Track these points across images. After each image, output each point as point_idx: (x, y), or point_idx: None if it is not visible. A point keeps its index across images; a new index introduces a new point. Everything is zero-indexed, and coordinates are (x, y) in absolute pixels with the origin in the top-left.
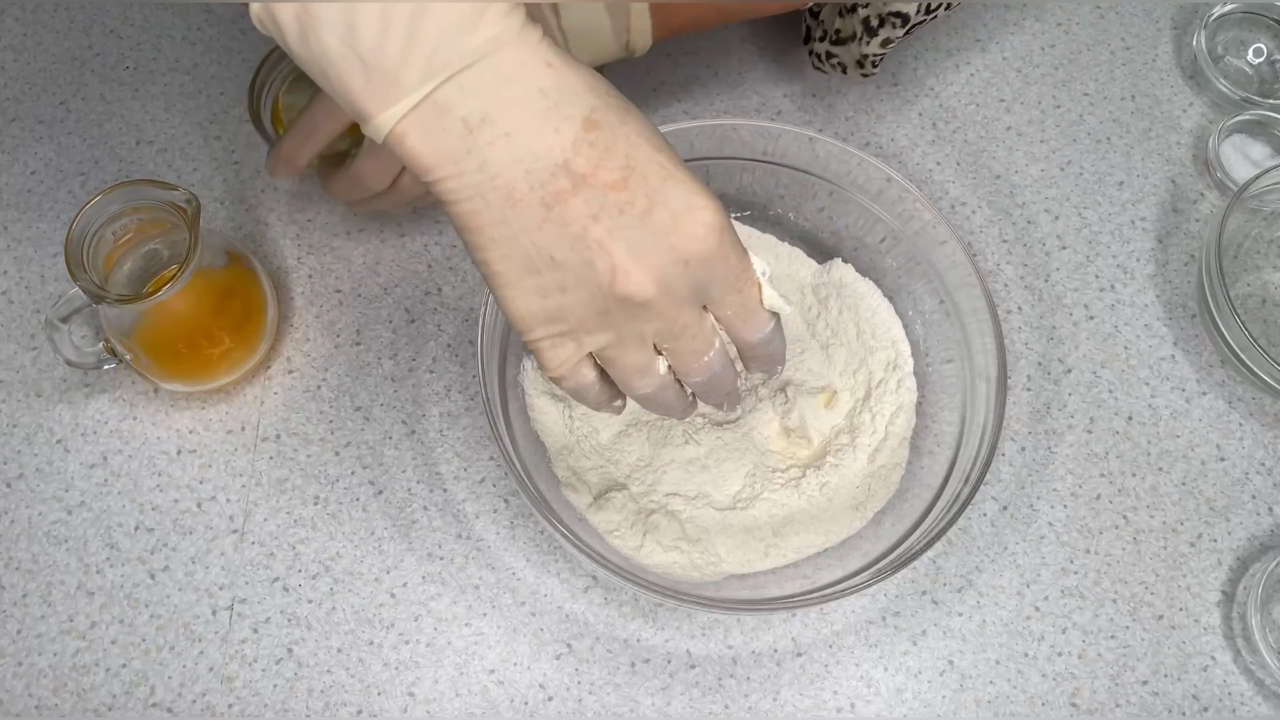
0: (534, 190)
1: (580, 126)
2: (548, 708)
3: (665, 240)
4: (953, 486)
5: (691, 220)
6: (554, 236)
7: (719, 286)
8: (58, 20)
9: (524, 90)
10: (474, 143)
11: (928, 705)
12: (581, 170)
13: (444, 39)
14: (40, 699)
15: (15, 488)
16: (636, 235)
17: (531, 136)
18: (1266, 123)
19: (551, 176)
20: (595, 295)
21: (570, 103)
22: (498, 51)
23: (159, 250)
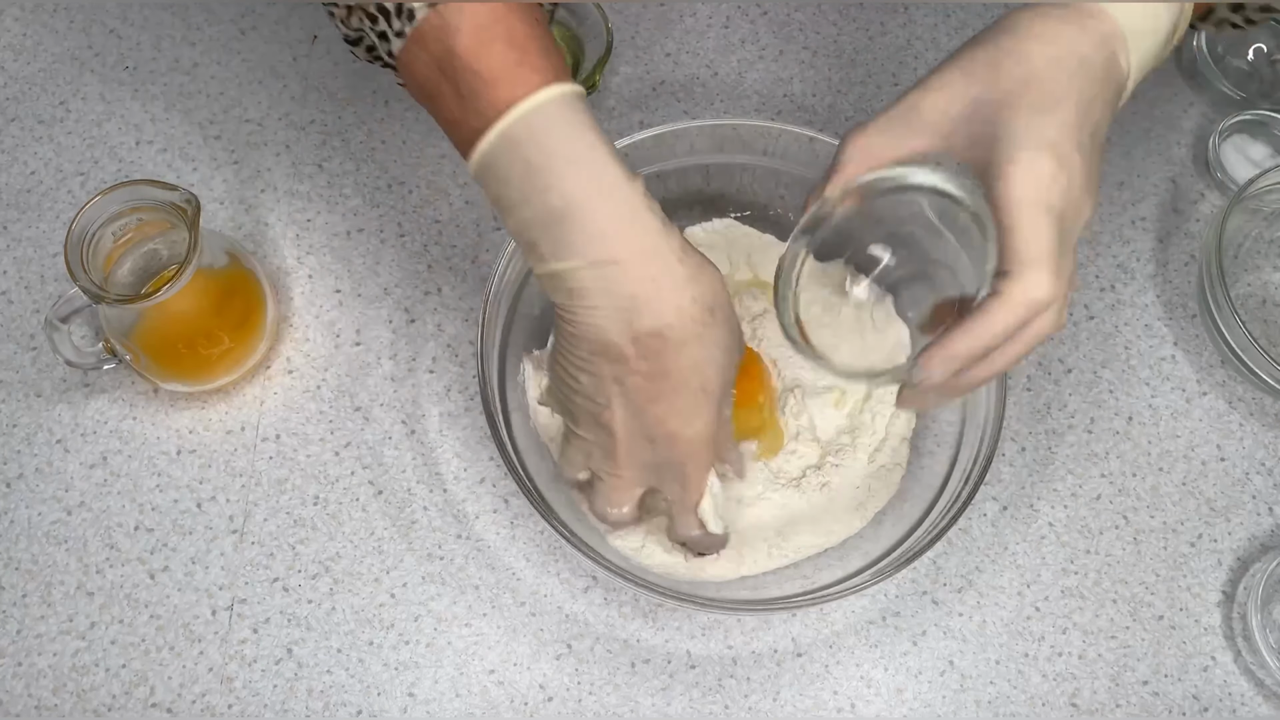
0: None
1: (645, 333)
2: (548, 708)
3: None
4: (953, 486)
5: (674, 423)
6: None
7: (669, 484)
8: (58, 20)
9: (619, 291)
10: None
11: (928, 705)
12: (626, 355)
13: (575, 242)
14: (40, 699)
15: (15, 488)
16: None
17: (607, 319)
18: (1266, 123)
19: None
20: (588, 413)
21: (650, 313)
22: (611, 264)
23: (159, 250)
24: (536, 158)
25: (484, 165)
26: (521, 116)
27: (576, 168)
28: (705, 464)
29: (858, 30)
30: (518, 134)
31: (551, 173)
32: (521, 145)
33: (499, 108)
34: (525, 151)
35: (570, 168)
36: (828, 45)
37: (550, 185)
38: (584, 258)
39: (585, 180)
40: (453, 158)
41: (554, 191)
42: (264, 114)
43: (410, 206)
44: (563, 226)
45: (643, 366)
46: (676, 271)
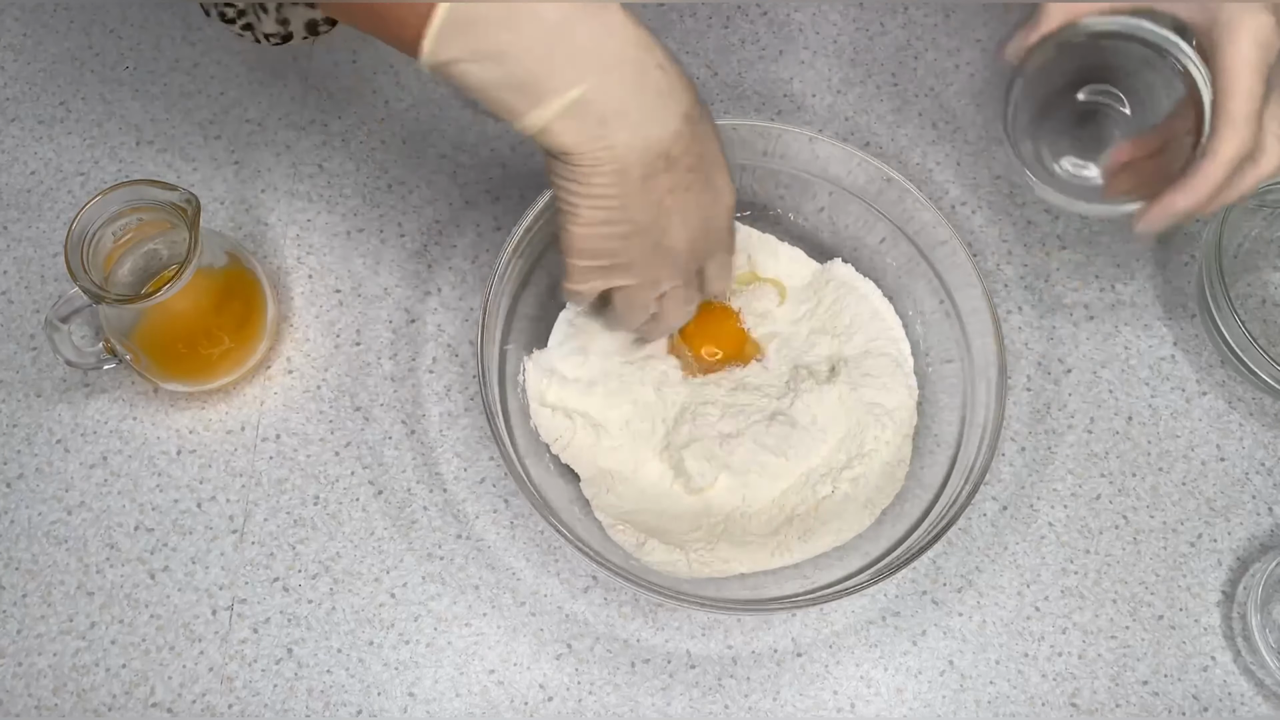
0: (640, 166)
1: (681, 121)
2: (548, 708)
3: (704, 212)
4: (953, 486)
5: (722, 201)
6: (641, 200)
7: (717, 253)
8: (58, 20)
9: (645, 92)
10: (605, 130)
11: (928, 705)
12: (675, 155)
13: (589, 53)
14: (40, 699)
15: (15, 488)
16: (690, 206)
17: (649, 127)
18: None
19: (655, 158)
20: (647, 244)
21: (675, 101)
22: (629, 64)
23: (159, 250)
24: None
25: (457, 16)
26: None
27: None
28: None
29: (858, 30)
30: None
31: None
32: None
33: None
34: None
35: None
36: (828, 45)
37: (537, 9)
38: (606, 66)
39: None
40: (453, 158)
41: (544, 12)
42: (264, 114)
43: (410, 206)
44: (572, 40)
45: (688, 159)
46: (666, 51)
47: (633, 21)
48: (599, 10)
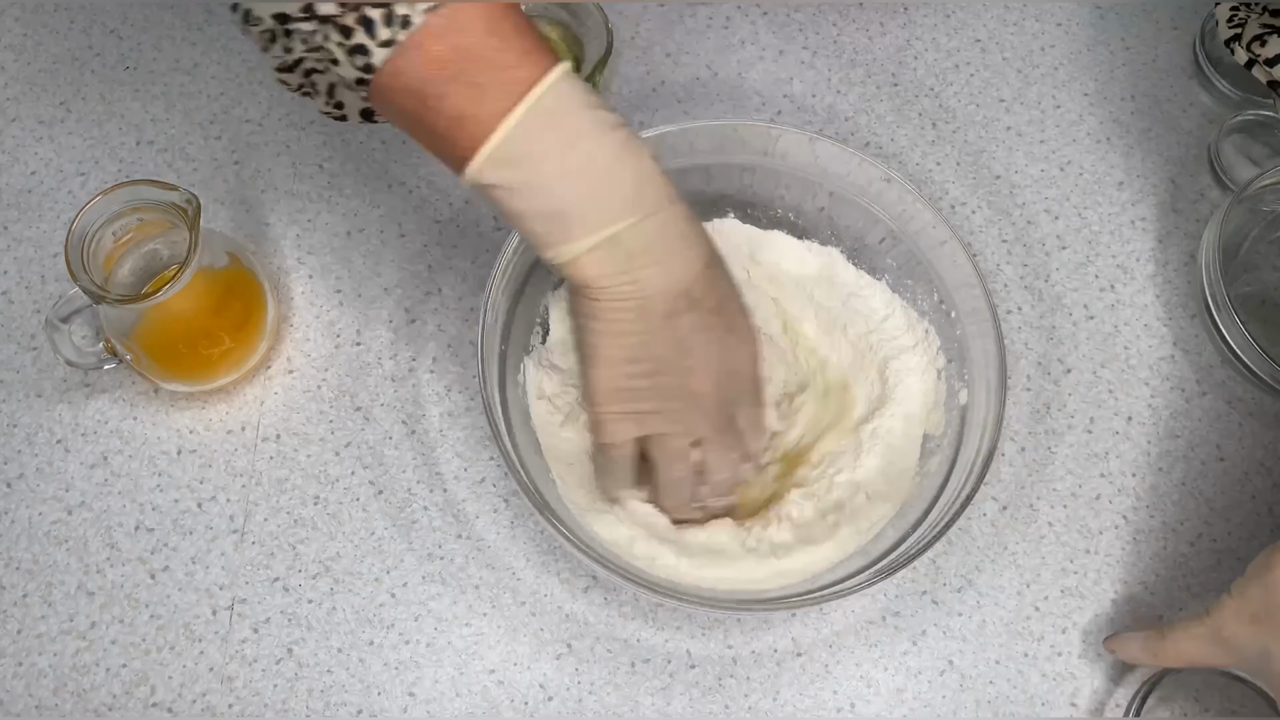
0: (664, 302)
1: (703, 264)
2: (548, 708)
3: (727, 355)
4: (953, 486)
5: (745, 350)
6: (664, 338)
7: (746, 398)
8: (58, 20)
9: (672, 236)
10: (632, 266)
11: (928, 705)
12: (697, 296)
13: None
14: (40, 699)
15: (15, 488)
16: (714, 348)
17: (675, 267)
18: (1266, 123)
19: (677, 297)
20: (672, 385)
21: (698, 246)
22: (660, 209)
23: (159, 250)
24: (573, 123)
25: (507, 150)
26: (551, 87)
27: (608, 130)
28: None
29: (858, 30)
30: (549, 105)
31: (588, 136)
32: (554, 115)
33: (524, 85)
34: (560, 119)
35: (603, 131)
36: (828, 45)
37: (591, 148)
38: (640, 210)
39: (617, 140)
40: None
41: (595, 152)
42: (264, 114)
43: (410, 206)
44: (615, 185)
45: (709, 301)
46: (688, 207)
47: (663, 172)
48: (638, 160)
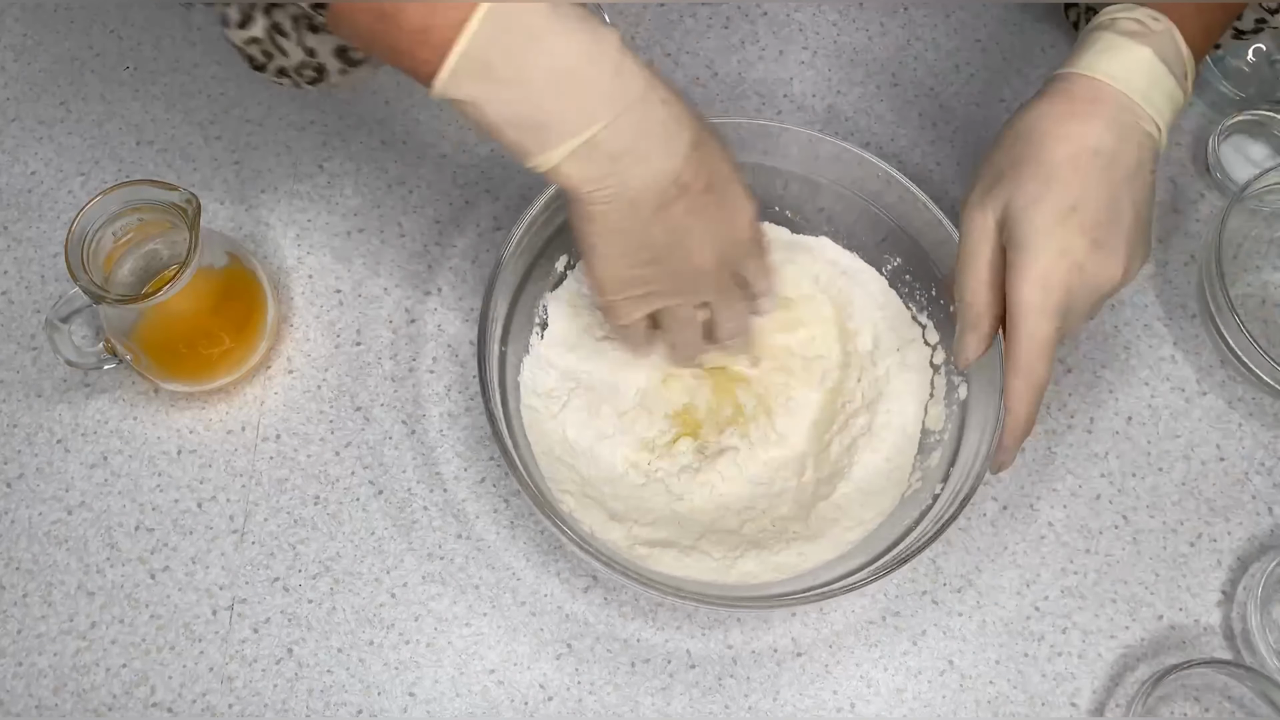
0: (653, 197)
1: (689, 147)
2: (548, 708)
3: (725, 228)
4: (953, 483)
5: (742, 215)
6: (658, 227)
7: (750, 260)
8: (58, 21)
9: (652, 127)
10: (615, 167)
11: (928, 705)
12: (686, 181)
13: (597, 97)
14: (40, 699)
15: (15, 488)
16: (710, 225)
17: (658, 160)
18: (1266, 123)
19: (667, 187)
20: (676, 267)
21: (681, 131)
22: (635, 103)
23: (159, 250)
24: (536, 23)
25: (471, 61)
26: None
27: (571, 24)
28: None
29: (858, 30)
30: (506, 8)
31: (551, 36)
32: (514, 15)
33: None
34: (521, 20)
35: (566, 26)
36: (828, 45)
37: (556, 48)
38: (614, 107)
39: (584, 38)
40: (453, 157)
41: (560, 52)
42: (264, 114)
43: (410, 206)
44: (581, 85)
45: (699, 183)
46: (669, 86)
47: (635, 60)
48: (605, 52)
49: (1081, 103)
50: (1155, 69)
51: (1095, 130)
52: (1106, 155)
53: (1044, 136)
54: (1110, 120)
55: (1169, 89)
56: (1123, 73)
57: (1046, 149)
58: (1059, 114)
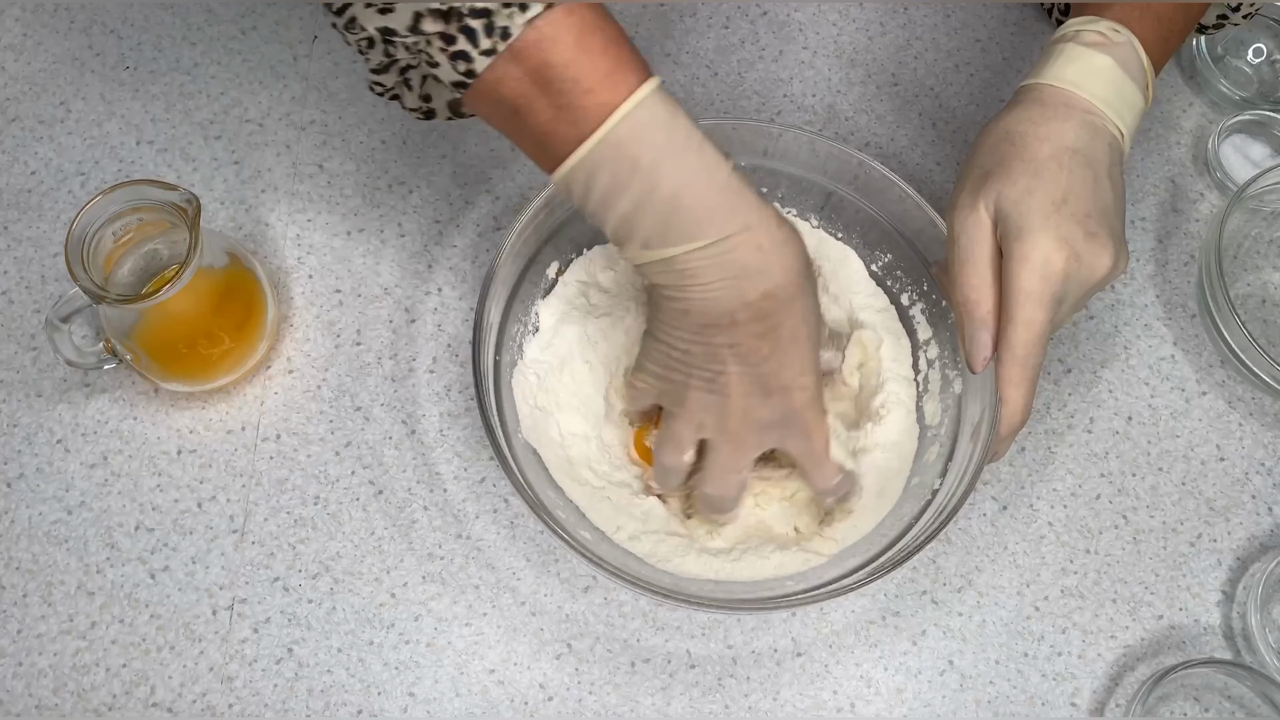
0: (701, 317)
1: (759, 296)
2: (548, 708)
3: (766, 380)
4: (950, 481)
5: (789, 376)
6: (696, 341)
7: (793, 439)
8: (58, 20)
9: (729, 264)
10: (685, 283)
11: (928, 705)
12: (740, 320)
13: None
14: (40, 699)
15: (15, 488)
16: (750, 368)
17: (720, 293)
18: (1266, 123)
19: (718, 316)
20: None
21: (760, 279)
22: (722, 240)
23: (159, 250)
24: (644, 155)
25: (582, 169)
26: (624, 118)
27: (680, 157)
28: (823, 410)
29: (858, 30)
30: (621, 136)
31: (659, 168)
32: (626, 145)
33: (601, 113)
34: (631, 150)
35: (675, 158)
36: (828, 45)
37: (659, 179)
38: (697, 239)
39: (691, 168)
40: (453, 158)
41: (664, 183)
42: (264, 114)
43: (410, 206)
44: (675, 214)
45: (755, 328)
46: (777, 236)
47: (745, 196)
48: (709, 182)
49: (1054, 107)
50: (1118, 77)
51: (1071, 130)
52: (1084, 154)
53: (1025, 137)
54: (1082, 123)
55: (1130, 96)
56: (1087, 81)
57: (1030, 148)
58: (1035, 117)
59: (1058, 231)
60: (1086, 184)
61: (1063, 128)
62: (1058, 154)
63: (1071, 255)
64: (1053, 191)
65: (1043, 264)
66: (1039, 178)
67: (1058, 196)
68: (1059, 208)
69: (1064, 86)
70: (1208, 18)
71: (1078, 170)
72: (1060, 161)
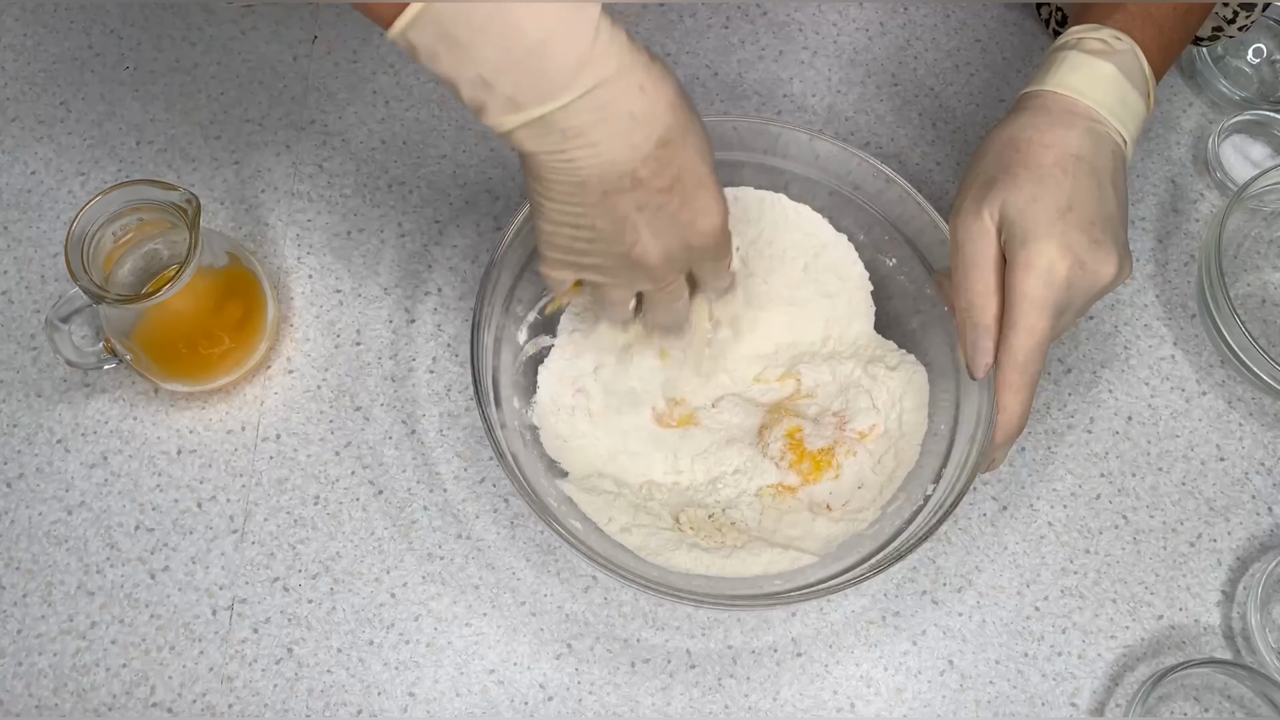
0: (600, 184)
1: (654, 145)
2: (548, 708)
3: (682, 231)
4: (947, 480)
5: (705, 220)
6: (601, 214)
7: (706, 263)
8: (58, 20)
9: (615, 114)
10: (567, 145)
11: (928, 705)
12: (641, 177)
13: (558, 75)
14: (40, 699)
15: (15, 488)
16: (663, 224)
17: (612, 150)
18: (1266, 123)
19: (618, 179)
20: (612, 254)
21: (649, 126)
22: (600, 86)
23: (159, 250)
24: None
25: (429, 16)
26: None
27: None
28: (729, 234)
29: (858, 30)
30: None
31: (519, 7)
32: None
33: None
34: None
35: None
36: (828, 45)
37: (521, 20)
38: (574, 89)
39: (556, 6)
40: (453, 158)
41: (527, 24)
42: (264, 114)
43: (410, 206)
44: (544, 60)
45: (659, 181)
46: (654, 73)
47: (617, 37)
48: (583, 25)
49: (1058, 114)
50: (1120, 85)
51: (1075, 137)
52: (1088, 161)
53: (1029, 144)
54: (1086, 129)
55: (1133, 103)
56: (1090, 88)
57: (1034, 155)
58: (1039, 124)
59: (1062, 239)
60: (1091, 191)
61: (1067, 135)
62: (1062, 161)
63: (1075, 262)
64: (1057, 198)
65: (1047, 271)
66: (1043, 184)
67: (1062, 204)
68: (1063, 215)
69: (1067, 94)
70: (1203, 30)
71: (1082, 177)
72: (1065, 168)
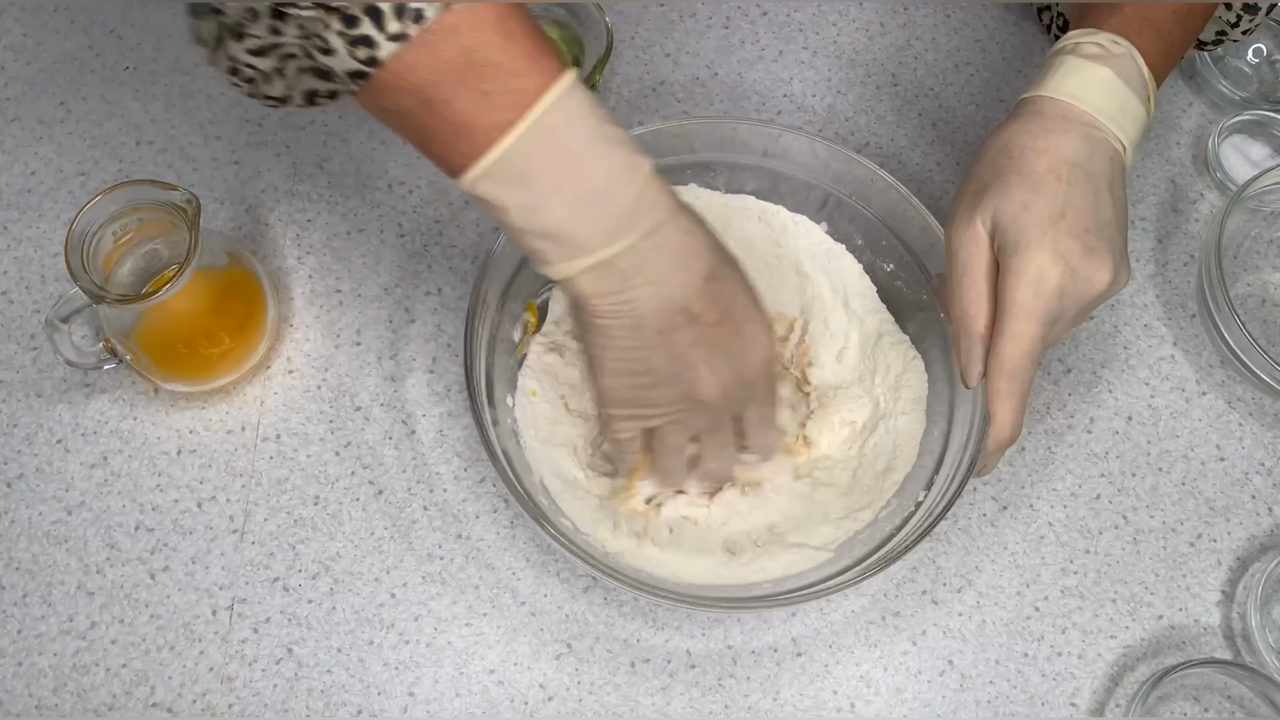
0: (657, 321)
1: (703, 279)
2: (548, 708)
3: (735, 362)
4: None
5: (756, 350)
6: (660, 353)
7: (755, 398)
8: (58, 20)
9: (668, 255)
10: (627, 285)
11: (928, 705)
12: (695, 311)
13: (622, 218)
14: (40, 699)
15: (15, 488)
16: (718, 358)
17: (669, 286)
18: (1266, 123)
19: (673, 314)
20: (675, 393)
21: (698, 261)
22: (658, 229)
23: (159, 250)
24: (575, 142)
25: (507, 163)
26: (555, 103)
27: (607, 147)
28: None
29: (858, 30)
30: (553, 122)
31: (588, 157)
32: (557, 131)
33: (528, 98)
34: (562, 137)
35: (603, 147)
36: (828, 45)
37: (589, 169)
38: (636, 230)
39: (619, 158)
40: None
41: (595, 175)
42: (264, 114)
43: (410, 206)
44: (609, 205)
45: (711, 315)
46: (694, 219)
47: (663, 188)
48: (635, 175)
49: (1054, 120)
50: (1118, 89)
51: (1070, 144)
52: (1083, 167)
53: (1024, 150)
54: (1082, 136)
55: (1132, 108)
56: (1087, 93)
57: (1028, 161)
58: (1035, 130)
59: (1054, 246)
60: (1086, 198)
61: (1061, 140)
62: (1056, 167)
63: (1067, 270)
64: (1050, 205)
65: (1036, 278)
66: (1036, 191)
67: (1055, 210)
68: (1056, 222)
69: (1064, 99)
70: (1206, 34)
71: (1077, 184)
72: (1059, 175)
